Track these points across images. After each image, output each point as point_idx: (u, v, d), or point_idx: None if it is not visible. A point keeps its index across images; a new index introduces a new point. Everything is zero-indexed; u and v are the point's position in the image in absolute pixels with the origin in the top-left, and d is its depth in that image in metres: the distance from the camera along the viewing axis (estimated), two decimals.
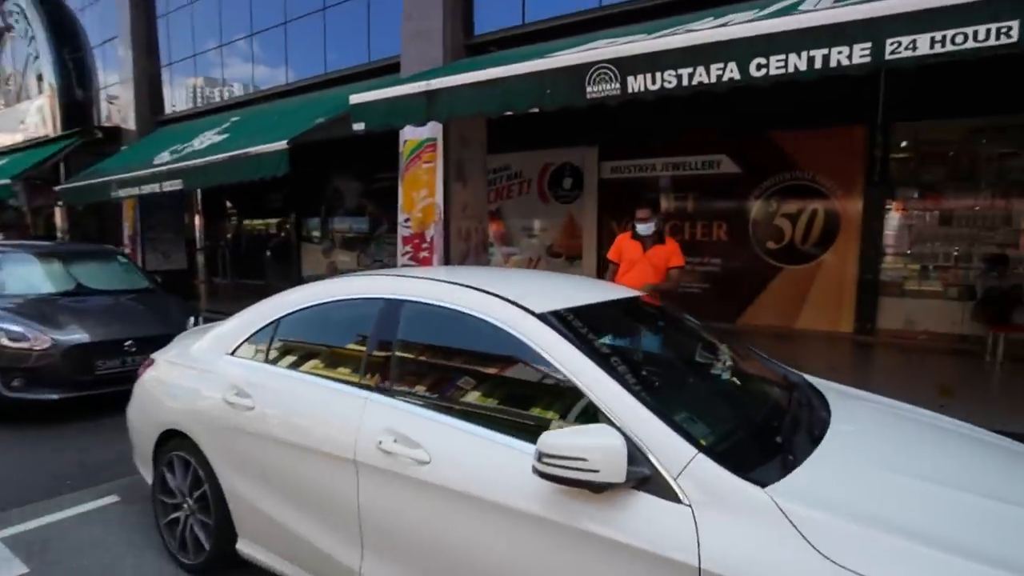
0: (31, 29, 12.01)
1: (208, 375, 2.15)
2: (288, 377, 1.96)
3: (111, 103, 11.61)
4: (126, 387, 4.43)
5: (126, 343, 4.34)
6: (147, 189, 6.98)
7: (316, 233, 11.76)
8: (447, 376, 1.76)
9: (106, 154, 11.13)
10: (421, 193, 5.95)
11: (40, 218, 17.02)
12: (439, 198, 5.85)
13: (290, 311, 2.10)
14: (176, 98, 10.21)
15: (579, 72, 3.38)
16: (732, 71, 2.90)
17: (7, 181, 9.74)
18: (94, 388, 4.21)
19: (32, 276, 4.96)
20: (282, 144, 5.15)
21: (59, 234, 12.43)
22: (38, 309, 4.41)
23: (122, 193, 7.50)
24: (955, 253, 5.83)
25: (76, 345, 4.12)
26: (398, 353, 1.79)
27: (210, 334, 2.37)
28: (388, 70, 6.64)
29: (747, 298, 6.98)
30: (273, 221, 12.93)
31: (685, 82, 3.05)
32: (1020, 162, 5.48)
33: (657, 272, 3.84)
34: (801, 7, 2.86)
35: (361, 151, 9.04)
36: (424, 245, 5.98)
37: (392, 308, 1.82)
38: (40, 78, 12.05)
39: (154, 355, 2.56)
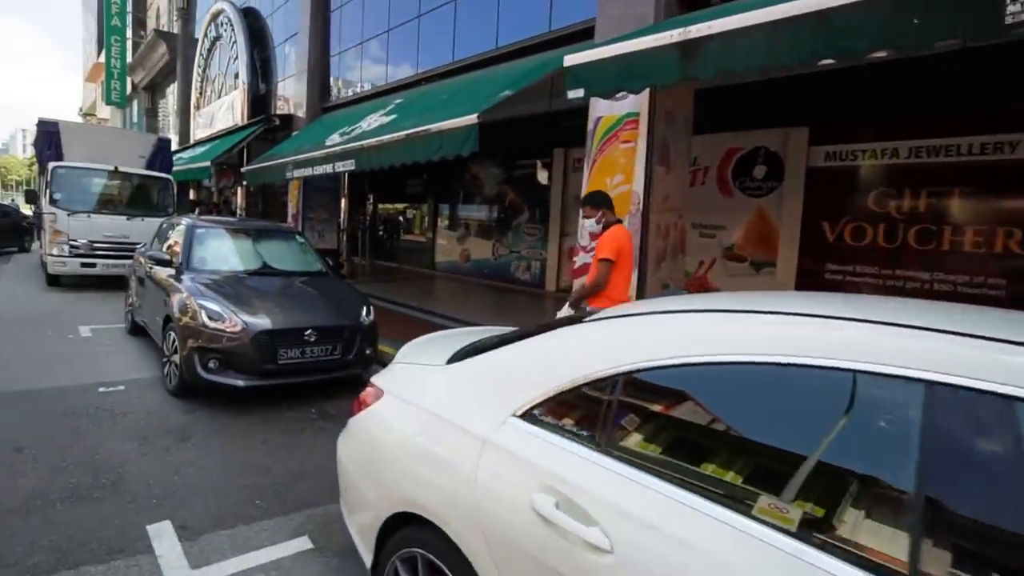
0: (234, 35, 13.46)
1: (487, 448, 1.31)
2: (691, 513, 1.00)
3: (283, 95, 12.49)
4: (303, 379, 4.10)
5: (306, 332, 4.03)
6: (320, 170, 6.97)
7: (444, 221, 11.52)
8: None
9: (277, 140, 11.99)
10: (616, 179, 4.98)
11: (221, 197, 19.44)
12: (638, 185, 4.84)
13: (659, 362, 1.15)
14: (340, 85, 10.48)
15: None
16: None
17: (207, 164, 10.83)
18: (276, 377, 3.95)
19: (226, 253, 4.95)
20: (471, 119, 4.51)
21: (238, 211, 13.84)
22: (229, 288, 4.28)
23: (296, 173, 7.67)
24: None
25: (264, 331, 3.87)
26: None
27: (471, 367, 1.55)
28: (573, 38, 5.78)
29: None
30: (409, 206, 13.05)
31: None
32: None
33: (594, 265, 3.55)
34: None
35: (513, 132, 8.39)
36: None
37: (971, 408, 0.83)
38: (236, 76, 13.45)
39: (378, 380, 1.88)
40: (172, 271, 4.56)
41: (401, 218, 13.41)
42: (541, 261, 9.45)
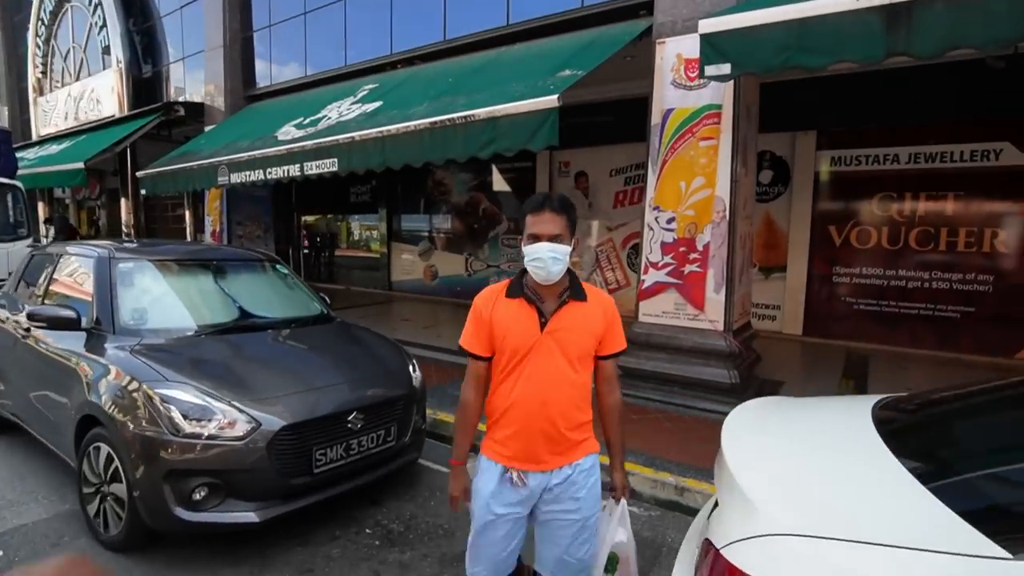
0: None
1: None
2: None
3: (183, 78, 10.04)
4: (349, 487, 2.48)
5: (349, 417, 2.61)
6: (278, 172, 5.28)
7: (401, 234, 10.03)
8: None
9: (174, 137, 9.60)
10: (695, 183, 4.19)
11: (83, 211, 15.65)
12: (722, 190, 4.12)
13: None
14: (274, 69, 8.53)
15: None
16: None
17: (79, 166, 8.06)
18: (310, 495, 2.46)
19: (175, 299, 3.23)
20: (547, 101, 3.37)
21: (124, 230, 10.86)
22: (200, 357, 2.67)
23: (235, 178, 5.82)
24: None
25: (288, 427, 2.38)
26: None
27: None
28: (616, 15, 4.93)
29: None
30: (352, 218, 11.27)
31: None
32: None
33: (582, 369, 1.49)
34: None
35: None
36: (693, 256, 4.22)
37: None
38: (107, 51, 10.53)
39: None
40: (82, 336, 2.78)
41: (343, 232, 11.55)
42: None
